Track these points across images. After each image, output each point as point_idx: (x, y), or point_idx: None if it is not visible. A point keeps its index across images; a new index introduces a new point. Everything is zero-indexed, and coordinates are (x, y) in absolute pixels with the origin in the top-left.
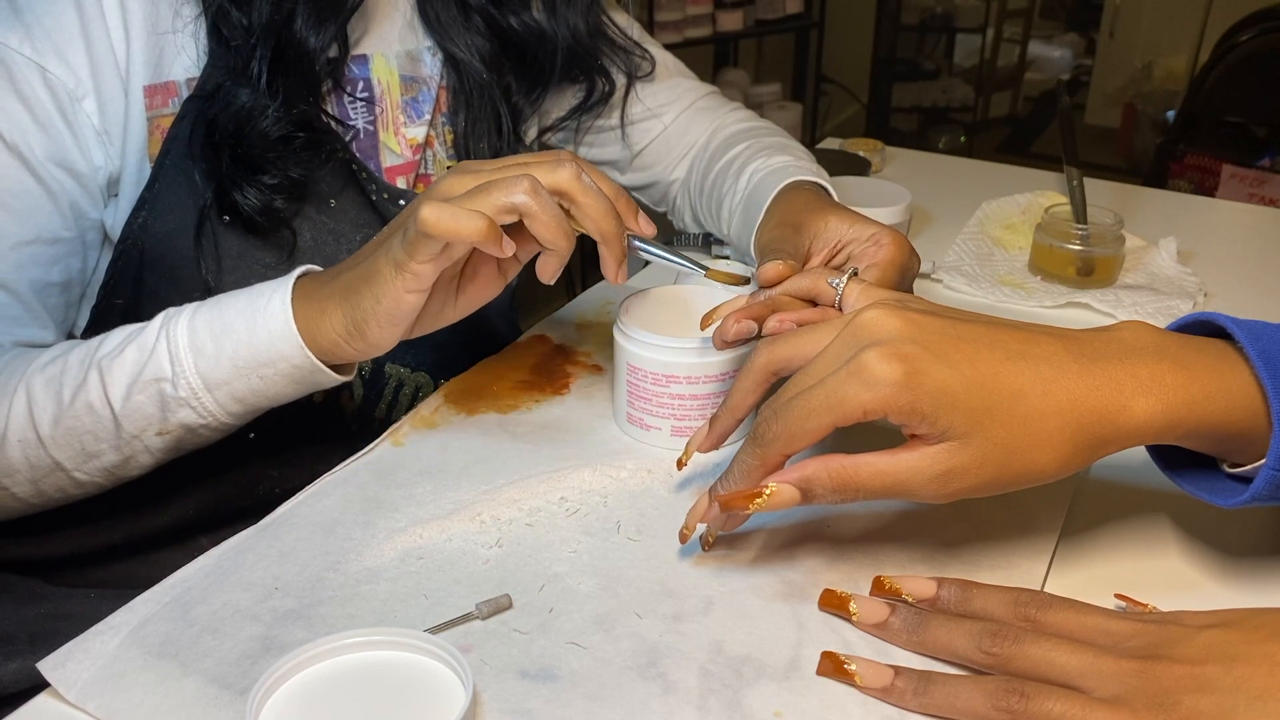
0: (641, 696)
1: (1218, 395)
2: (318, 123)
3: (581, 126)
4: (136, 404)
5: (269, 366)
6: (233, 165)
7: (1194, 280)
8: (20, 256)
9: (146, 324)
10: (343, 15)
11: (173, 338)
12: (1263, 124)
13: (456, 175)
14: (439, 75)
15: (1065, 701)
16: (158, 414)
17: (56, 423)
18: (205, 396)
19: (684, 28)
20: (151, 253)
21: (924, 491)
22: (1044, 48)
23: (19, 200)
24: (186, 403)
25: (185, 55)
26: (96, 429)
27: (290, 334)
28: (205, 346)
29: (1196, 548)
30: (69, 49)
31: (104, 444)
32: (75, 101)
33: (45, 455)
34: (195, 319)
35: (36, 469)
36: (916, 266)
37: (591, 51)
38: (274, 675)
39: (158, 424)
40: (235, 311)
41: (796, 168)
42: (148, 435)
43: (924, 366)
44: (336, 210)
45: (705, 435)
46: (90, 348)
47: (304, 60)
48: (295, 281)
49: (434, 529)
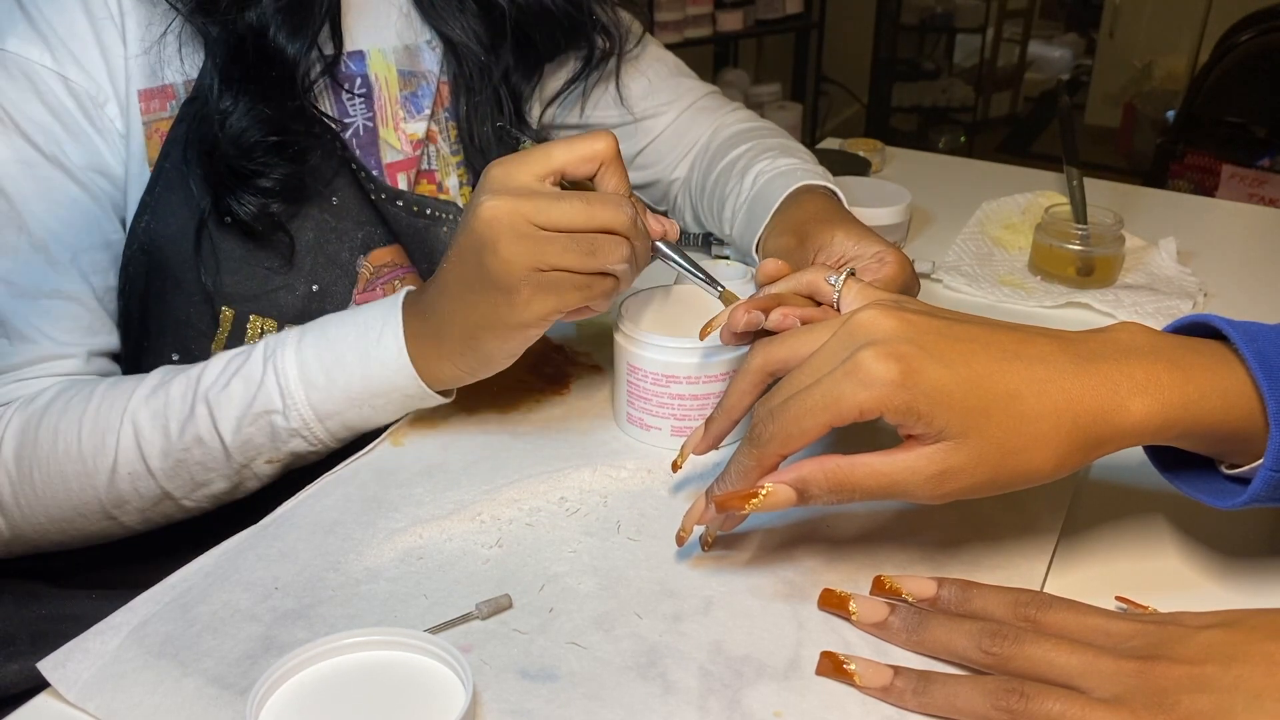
0: (641, 696)
1: (1213, 396)
2: (300, 124)
3: (584, 122)
4: (247, 435)
5: (382, 397)
6: (226, 170)
7: (1194, 280)
8: (82, 265)
9: (247, 352)
10: (319, 18)
11: (281, 370)
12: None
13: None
14: (438, 69)
15: (1065, 701)
16: (269, 444)
17: (166, 455)
18: (317, 426)
19: (684, 28)
20: (156, 257)
21: (920, 492)
22: (1044, 48)
23: (69, 211)
24: (298, 433)
25: (181, 59)
26: (207, 460)
27: (404, 367)
28: (317, 379)
29: (1195, 548)
30: (85, 56)
31: (214, 474)
32: (99, 107)
33: (155, 486)
34: (303, 350)
35: (145, 499)
36: (916, 290)
37: (586, 11)
38: (274, 675)
39: (268, 453)
40: (346, 344)
41: (804, 171)
42: (258, 464)
43: (920, 366)
44: (339, 208)
45: (701, 437)
46: (191, 379)
47: (284, 64)
48: (402, 311)
49: (434, 529)
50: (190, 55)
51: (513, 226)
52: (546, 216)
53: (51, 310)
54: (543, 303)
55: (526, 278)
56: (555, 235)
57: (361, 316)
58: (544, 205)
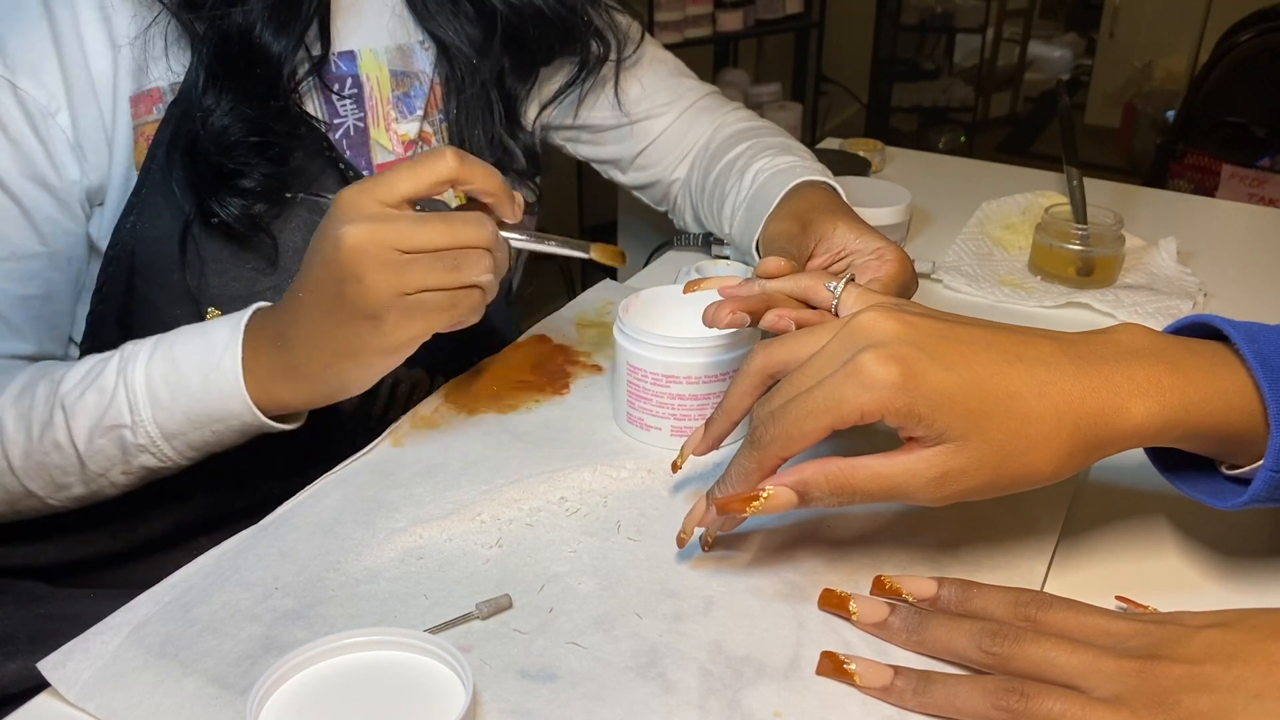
0: (641, 696)
1: (1214, 397)
2: (283, 124)
3: (580, 125)
4: (99, 447)
5: (220, 423)
6: (208, 170)
7: (1194, 280)
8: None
9: (106, 359)
10: (305, 19)
11: (130, 385)
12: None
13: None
14: (431, 69)
15: (1065, 701)
16: (120, 456)
17: (27, 455)
18: (164, 445)
19: (684, 28)
20: (141, 258)
21: (921, 494)
22: (1044, 48)
23: None
24: (146, 449)
25: (168, 60)
26: (64, 464)
27: (239, 394)
28: (161, 398)
29: (1196, 549)
30: (41, 66)
31: (71, 478)
32: (48, 117)
33: (18, 483)
34: (151, 366)
35: (11, 494)
36: (914, 288)
37: (580, 14)
38: (274, 675)
39: (121, 465)
40: (190, 364)
41: (804, 168)
42: (113, 473)
43: (921, 369)
44: (326, 209)
45: (701, 438)
46: (54, 382)
47: (269, 63)
48: (247, 334)
49: (434, 529)
50: (177, 56)
51: (377, 255)
52: (410, 240)
53: None
54: (409, 326)
55: (392, 303)
56: (418, 257)
57: (208, 336)
58: (407, 230)
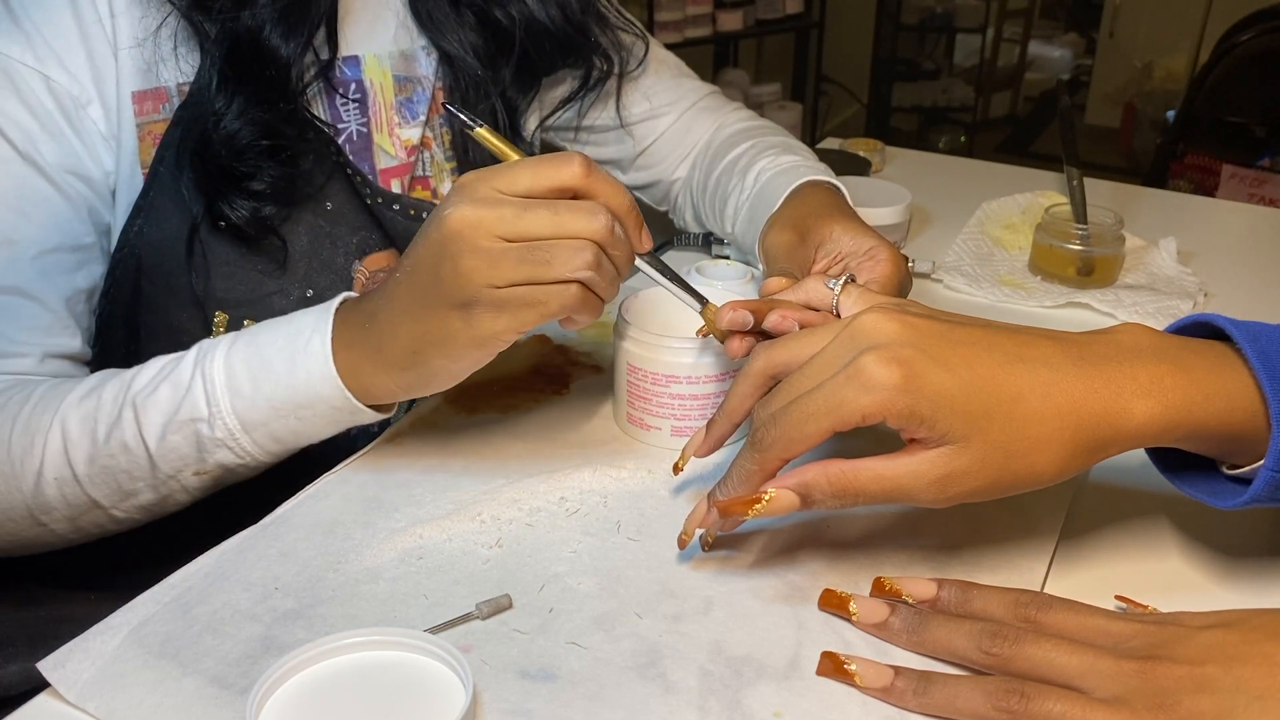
0: (641, 696)
1: (1216, 397)
2: (293, 127)
3: (582, 126)
4: (172, 444)
5: (308, 409)
6: (218, 172)
7: (1194, 280)
8: (45, 265)
9: (181, 356)
10: (314, 22)
11: (208, 375)
12: (1263, 124)
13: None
14: (434, 75)
15: (1065, 702)
16: (194, 454)
17: (92, 461)
18: (243, 437)
19: (684, 28)
20: (148, 260)
21: (923, 496)
22: (1044, 48)
23: (39, 209)
24: (224, 443)
25: (177, 60)
26: (132, 468)
27: (330, 377)
28: (242, 387)
29: (1196, 549)
30: (70, 57)
31: (140, 483)
32: (81, 108)
33: (82, 493)
34: (231, 355)
35: (74, 507)
36: (909, 287)
37: (585, 31)
38: (274, 675)
39: (194, 464)
40: (274, 350)
41: (806, 167)
42: (185, 475)
43: (922, 370)
44: (333, 213)
45: (702, 440)
46: (124, 381)
47: (278, 66)
48: (336, 317)
49: (434, 529)
50: (186, 56)
51: (474, 240)
52: (512, 226)
53: (9, 307)
54: (495, 321)
55: (481, 294)
56: (512, 247)
57: (294, 323)
58: (510, 215)
